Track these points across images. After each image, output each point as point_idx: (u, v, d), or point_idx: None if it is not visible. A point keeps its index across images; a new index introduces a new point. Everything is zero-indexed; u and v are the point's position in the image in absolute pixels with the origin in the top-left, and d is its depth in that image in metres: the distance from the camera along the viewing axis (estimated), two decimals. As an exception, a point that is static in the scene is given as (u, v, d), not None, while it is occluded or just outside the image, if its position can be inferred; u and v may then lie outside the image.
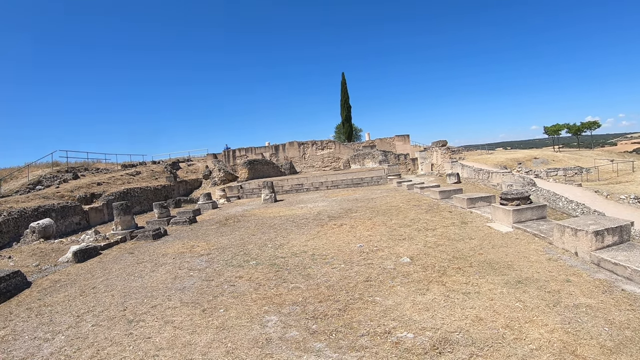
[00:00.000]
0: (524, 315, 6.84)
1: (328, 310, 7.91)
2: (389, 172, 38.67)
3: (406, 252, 11.64)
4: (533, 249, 10.80)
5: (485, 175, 29.74)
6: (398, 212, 18.85)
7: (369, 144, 58.52)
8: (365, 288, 8.97)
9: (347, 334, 6.81)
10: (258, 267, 11.67)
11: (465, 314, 7.07)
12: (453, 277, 9.11)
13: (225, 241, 16.14)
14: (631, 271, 8.42)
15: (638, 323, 6.50)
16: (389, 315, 7.34)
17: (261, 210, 25.85)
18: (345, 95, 76.76)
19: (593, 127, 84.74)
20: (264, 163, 50.00)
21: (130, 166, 45.90)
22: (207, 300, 9.29)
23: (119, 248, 17.52)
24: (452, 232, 13.66)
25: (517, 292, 7.85)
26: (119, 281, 11.93)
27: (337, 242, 13.89)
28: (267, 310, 8.23)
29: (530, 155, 44.35)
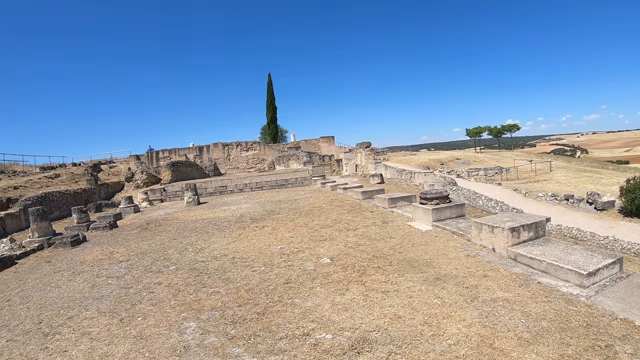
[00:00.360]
0: (442, 312, 6.86)
1: (247, 314, 7.74)
2: (314, 173, 38.73)
3: (327, 252, 11.58)
4: (452, 246, 10.96)
5: (408, 175, 30.16)
6: (320, 212, 18.82)
7: (294, 145, 58.57)
8: (285, 290, 8.84)
9: (266, 337, 6.66)
10: (178, 272, 11.37)
11: (384, 312, 7.03)
12: (373, 276, 9.08)
13: (145, 246, 15.70)
14: (546, 265, 8.62)
15: (554, 314, 6.66)
16: (308, 317, 7.24)
17: (184, 213, 25.39)
18: (271, 96, 76.37)
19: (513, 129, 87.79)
20: (187, 165, 49.17)
21: (50, 168, 44.18)
22: (125, 308, 8.96)
23: (36, 257, 16.77)
24: (373, 231, 13.69)
25: (435, 289, 7.88)
26: (35, 292, 11.35)
27: (258, 244, 13.71)
28: (186, 317, 8.01)
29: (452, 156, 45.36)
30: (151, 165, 54.12)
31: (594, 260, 8.55)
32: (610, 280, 8.15)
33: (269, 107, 76.43)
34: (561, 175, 31.50)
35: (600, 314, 6.71)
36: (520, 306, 6.98)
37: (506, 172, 34.61)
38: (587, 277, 7.85)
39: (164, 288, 10.08)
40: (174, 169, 43.98)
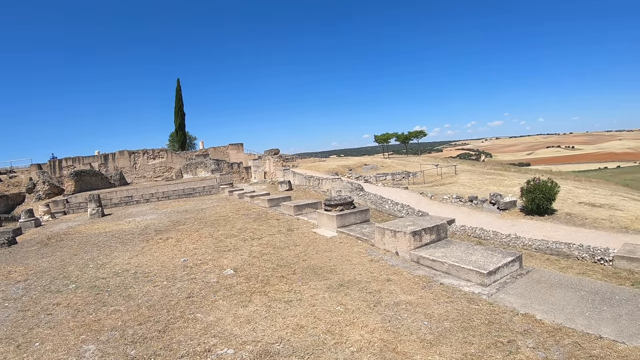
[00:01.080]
0: (345, 319, 6.84)
1: (148, 332, 7.47)
2: (221, 181, 38.38)
3: (230, 263, 11.43)
4: (356, 251, 11.03)
5: (316, 182, 30.28)
6: (226, 222, 18.61)
7: (203, 153, 57.87)
8: (187, 305, 8.62)
9: (167, 356, 6.43)
10: (77, 291, 10.87)
11: (287, 323, 6.95)
12: (276, 286, 9.00)
13: (45, 264, 14.96)
14: (448, 266, 8.80)
15: (456, 314, 6.78)
16: (209, 332, 7.06)
17: (87, 226, 24.51)
18: (179, 102, 74.83)
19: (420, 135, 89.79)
20: (92, 174, 47.58)
21: (-60, 180, 41.68)
22: (22, 333, 8.41)
23: None
24: (278, 240, 13.64)
25: (338, 296, 7.87)
26: None
27: (162, 257, 13.37)
28: (85, 339, 7.62)
29: (361, 162, 45.93)
30: (54, 174, 52.06)
31: (494, 259, 8.82)
32: (511, 278, 8.44)
33: (177, 113, 74.98)
34: (466, 178, 32.40)
35: (502, 310, 6.90)
36: (423, 308, 7.06)
37: (413, 176, 35.31)
38: (487, 275, 8.05)
39: (63, 309, 9.59)
40: (78, 178, 42.46)
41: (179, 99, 75.17)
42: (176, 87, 75.62)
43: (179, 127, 75.30)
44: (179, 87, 75.49)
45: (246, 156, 59.14)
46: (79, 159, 54.80)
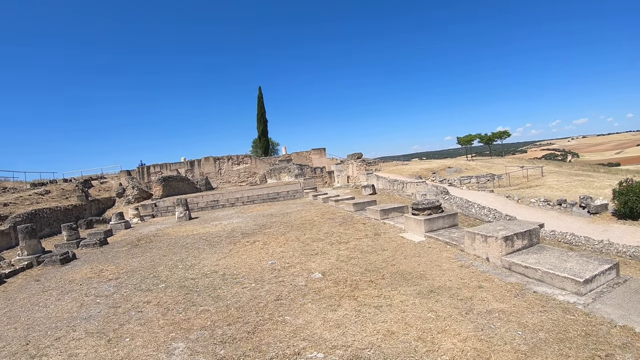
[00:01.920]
0: (437, 326, 6.67)
1: (237, 333, 7.54)
2: (305, 185, 38.55)
3: (318, 267, 11.39)
4: (445, 257, 10.77)
5: (400, 185, 30.03)
6: (312, 226, 18.64)
7: (285, 158, 58.41)
8: (276, 307, 8.64)
9: (256, 358, 6.46)
10: (167, 290, 11.16)
11: (377, 328, 6.83)
12: (365, 290, 8.89)
13: (135, 263, 15.49)
14: (542, 273, 8.47)
15: (551, 324, 6.49)
16: (299, 335, 7.04)
17: (175, 229, 25.17)
18: (261, 109, 76.36)
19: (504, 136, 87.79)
20: (179, 179, 48.99)
21: (40, 185, 43.85)
22: (113, 329, 8.76)
23: (25, 275, 16.57)
24: (365, 244, 13.50)
25: (429, 302, 7.69)
26: (23, 312, 11.17)
27: (249, 260, 13.52)
28: (175, 337, 7.81)
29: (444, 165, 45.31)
30: (142, 180, 53.94)
31: (589, 266, 8.41)
32: (607, 287, 8.00)
33: (260, 120, 76.42)
34: (553, 180, 31.45)
35: (599, 322, 6.54)
36: (517, 317, 6.80)
37: (498, 179, 34.55)
38: (583, 284, 7.69)
39: (153, 307, 9.87)
40: (165, 184, 43.80)
41: (261, 106, 76.60)
42: (258, 94, 77.24)
43: (261, 134, 76.63)
44: (260, 95, 76.94)
45: (328, 161, 59.35)
46: (166, 165, 56.58)
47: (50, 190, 40.60)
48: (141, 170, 56.13)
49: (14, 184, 42.90)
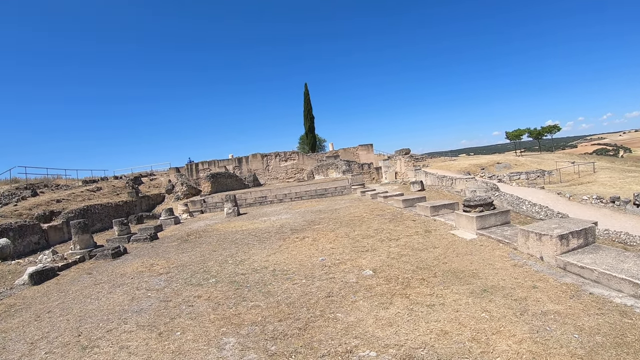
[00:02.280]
0: (491, 326, 6.56)
1: (288, 329, 7.57)
2: (353, 181, 38.50)
3: (369, 264, 11.34)
4: (498, 255, 10.60)
5: (449, 181, 29.72)
6: (361, 222, 18.60)
7: (333, 154, 58.42)
8: (327, 304, 8.64)
9: (308, 355, 6.46)
10: (217, 285, 11.29)
11: (430, 327, 6.76)
12: (417, 288, 8.81)
13: (185, 258, 15.73)
14: (598, 274, 8.26)
15: (608, 328, 6.31)
16: (350, 333, 7.01)
17: (224, 224, 25.44)
18: (308, 105, 76.47)
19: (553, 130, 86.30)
20: (227, 176, 49.55)
21: (92, 182, 44.84)
22: (164, 322, 8.91)
23: (77, 268, 17.00)
24: (416, 241, 13.40)
25: (483, 302, 7.58)
26: (75, 304, 11.49)
27: (299, 256, 13.57)
28: (225, 332, 7.88)
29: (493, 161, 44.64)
30: (191, 177, 54.68)
31: (648, 268, 8.18)
32: (668, 290, 7.77)
33: (306, 116, 76.50)
34: (605, 177, 30.74)
35: (658, 327, 6.33)
36: (572, 319, 6.64)
37: (548, 175, 33.95)
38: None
39: (204, 301, 10.00)
40: (214, 180, 44.33)
41: (308, 102, 76.66)
42: (304, 91, 77.32)
43: (308, 130, 76.71)
44: (306, 92, 76.98)
45: (376, 157, 59.07)
46: (214, 162, 57.29)
47: (101, 187, 41.50)
48: (190, 167, 56.97)
49: (67, 181, 43.97)
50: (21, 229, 23.69)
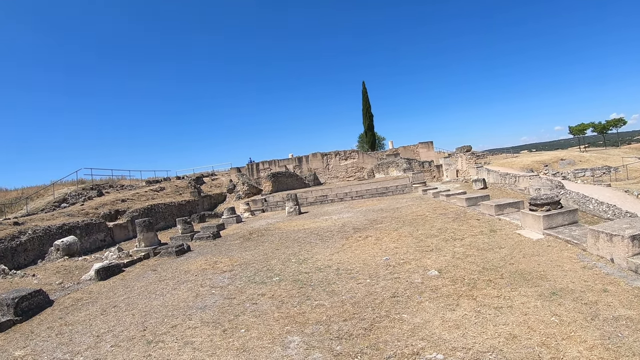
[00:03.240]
0: (561, 331, 6.42)
1: (353, 329, 7.61)
2: (414, 180, 38.18)
3: (434, 264, 11.26)
4: (566, 256, 10.34)
5: (512, 179, 29.16)
6: (424, 221, 18.45)
7: (393, 152, 58.09)
8: (392, 304, 8.63)
9: (373, 356, 6.48)
10: (281, 284, 11.45)
11: (498, 331, 6.69)
12: (484, 290, 8.71)
13: (248, 256, 15.99)
14: (673, 278, 8.01)
15: (684, 336, 6.08)
16: (417, 335, 6.99)
17: (285, 223, 25.69)
18: (366, 104, 76.39)
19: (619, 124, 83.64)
20: (287, 175, 50.01)
21: (155, 182, 46.00)
22: (228, 319, 9.11)
23: (142, 265, 17.53)
24: (481, 241, 13.22)
25: (552, 305, 7.42)
26: (140, 299, 11.92)
27: (363, 255, 13.58)
28: (290, 330, 7.99)
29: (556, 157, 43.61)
30: (252, 176, 55.34)
31: None
32: None
33: (365, 115, 76.45)
34: (676, 173, 29.66)
35: None
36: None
37: (615, 171, 33.01)
38: None
39: (267, 299, 10.17)
40: (274, 179, 44.83)
41: (366, 101, 76.70)
42: (362, 89, 77.36)
43: (367, 128, 76.68)
44: (365, 90, 76.98)
45: (436, 154, 58.40)
46: (275, 162, 57.83)
47: (164, 187, 42.60)
48: (250, 167, 57.69)
49: (131, 181, 45.31)
50: (88, 227, 24.57)
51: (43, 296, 12.76)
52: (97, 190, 34.94)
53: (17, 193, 34.75)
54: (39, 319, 11.44)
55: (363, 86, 76.93)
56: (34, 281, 15.96)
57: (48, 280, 15.97)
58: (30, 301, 12.06)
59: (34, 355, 8.73)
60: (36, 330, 10.47)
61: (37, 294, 12.49)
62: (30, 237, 20.84)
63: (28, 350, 9.06)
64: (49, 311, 12.08)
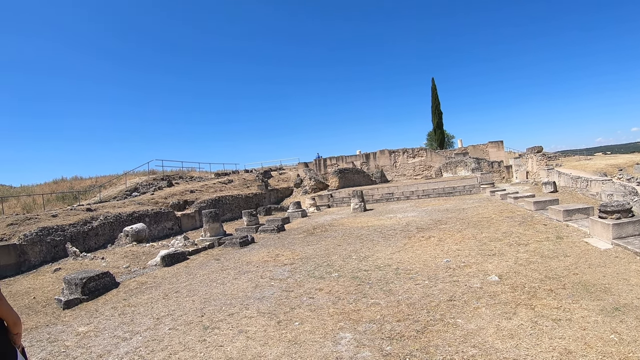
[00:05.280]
0: (619, 351, 6.09)
1: (405, 330, 7.55)
2: (482, 180, 37.52)
3: (495, 269, 11.03)
4: (634, 269, 9.85)
5: (584, 183, 28.26)
6: (489, 224, 18.12)
7: (462, 151, 57.25)
8: (448, 308, 8.52)
9: (422, 359, 6.41)
10: (339, 280, 11.51)
11: (553, 345, 6.44)
12: (543, 300, 8.45)
13: (310, 251, 16.14)
14: None
15: None
16: (469, 341, 6.86)
17: (349, 219, 25.74)
18: (435, 101, 75.52)
19: None
20: (354, 172, 50.05)
21: (223, 174, 46.99)
22: (284, 311, 9.26)
23: (206, 254, 17.99)
24: (546, 247, 12.83)
25: (613, 322, 7.08)
26: (201, 287, 12.32)
27: (424, 255, 13.47)
28: (343, 327, 8.02)
29: (632, 161, 41.83)
30: (319, 172, 55.74)
31: None
32: None
33: (434, 112, 75.61)
34: None
35: None
36: None
37: (697, 178, 31.47)
38: None
39: (324, 295, 10.25)
40: (341, 175, 44.96)
41: (435, 97, 75.88)
42: (431, 86, 76.55)
43: (436, 126, 75.93)
44: (434, 87, 76.11)
45: (506, 154, 57.22)
46: (342, 158, 58.07)
47: (232, 179, 43.50)
48: (318, 162, 58.16)
49: (200, 173, 46.56)
50: (157, 215, 25.34)
51: (110, 278, 13.46)
52: (167, 180, 35.92)
53: (91, 181, 36.26)
54: (105, 299, 12.11)
55: (432, 83, 75.98)
56: (102, 264, 16.64)
57: (116, 264, 16.63)
58: (97, 282, 12.79)
59: (96, 332, 9.29)
60: (101, 309, 11.09)
61: (104, 276, 13.21)
62: (101, 223, 21.64)
63: (91, 327, 9.64)
64: (114, 292, 12.77)
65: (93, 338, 8.99)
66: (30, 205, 25.50)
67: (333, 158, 58.65)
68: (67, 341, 9.02)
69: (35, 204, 25.99)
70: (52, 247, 18.76)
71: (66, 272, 15.61)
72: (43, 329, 10.02)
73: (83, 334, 9.29)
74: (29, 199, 27.05)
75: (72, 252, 18.65)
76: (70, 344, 8.81)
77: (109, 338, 8.86)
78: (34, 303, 12.67)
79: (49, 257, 18.43)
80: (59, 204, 27.44)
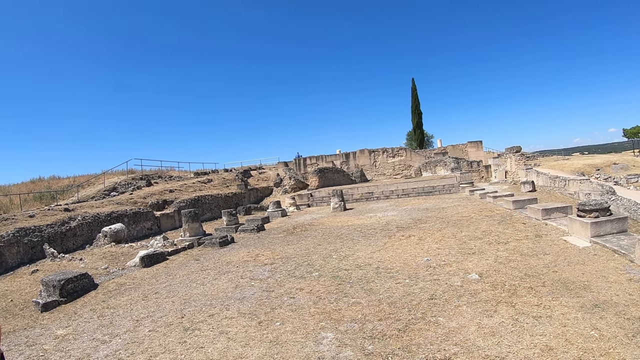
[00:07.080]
0: (599, 347, 6.16)
1: (387, 329, 7.56)
2: (461, 180, 37.78)
3: (475, 267, 11.09)
4: (612, 267, 9.97)
5: (562, 183, 28.52)
6: (469, 223, 18.23)
7: (441, 151, 57.51)
8: (429, 307, 8.54)
9: (404, 358, 6.42)
10: (320, 279, 11.52)
11: (534, 341, 6.49)
12: (524, 297, 8.51)
13: (290, 250, 16.14)
14: None
15: None
16: (451, 339, 6.89)
17: (330, 219, 25.77)
18: (415, 101, 75.69)
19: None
20: (334, 171, 50.19)
21: (203, 174, 46.78)
22: (265, 312, 9.24)
23: (186, 254, 17.93)
24: (526, 246, 12.94)
25: (593, 318, 7.15)
26: (181, 287, 12.25)
27: (404, 254, 13.50)
28: (324, 327, 8.02)
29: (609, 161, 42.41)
30: (299, 171, 55.69)
31: None
32: None
33: (414, 112, 75.85)
34: None
35: None
36: (692, 346, 6.11)
37: (671, 178, 31.91)
38: None
39: (305, 294, 10.25)
40: (321, 175, 45.05)
41: (415, 97, 76.13)
42: (411, 86, 76.89)
43: (416, 126, 76.18)
44: (414, 87, 76.45)
45: (485, 154, 57.66)
46: (322, 157, 58.18)
47: (212, 179, 43.38)
48: (298, 161, 58.17)
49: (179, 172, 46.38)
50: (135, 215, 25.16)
51: (88, 279, 13.30)
52: (146, 180, 35.70)
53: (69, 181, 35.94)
54: (83, 301, 11.98)
55: (412, 83, 76.14)
56: (80, 265, 16.47)
57: (94, 265, 16.47)
58: (76, 284, 12.63)
59: (75, 335, 9.17)
60: (79, 311, 10.97)
61: (82, 277, 13.05)
62: (79, 223, 21.42)
63: (70, 330, 9.53)
64: (93, 294, 12.62)
65: (72, 341, 8.88)
66: (6, 205, 25.11)
67: (313, 157, 58.59)
68: (45, 345, 8.90)
69: (12, 204, 25.61)
70: (29, 248, 18.48)
71: (44, 274, 15.37)
72: (21, 333, 9.87)
73: (62, 337, 9.17)
74: (6, 199, 26.64)
75: (50, 253, 18.43)
76: (49, 348, 8.69)
77: (88, 341, 8.76)
78: (11, 306, 12.47)
79: (26, 259, 18.15)
80: (36, 204, 27.10)
